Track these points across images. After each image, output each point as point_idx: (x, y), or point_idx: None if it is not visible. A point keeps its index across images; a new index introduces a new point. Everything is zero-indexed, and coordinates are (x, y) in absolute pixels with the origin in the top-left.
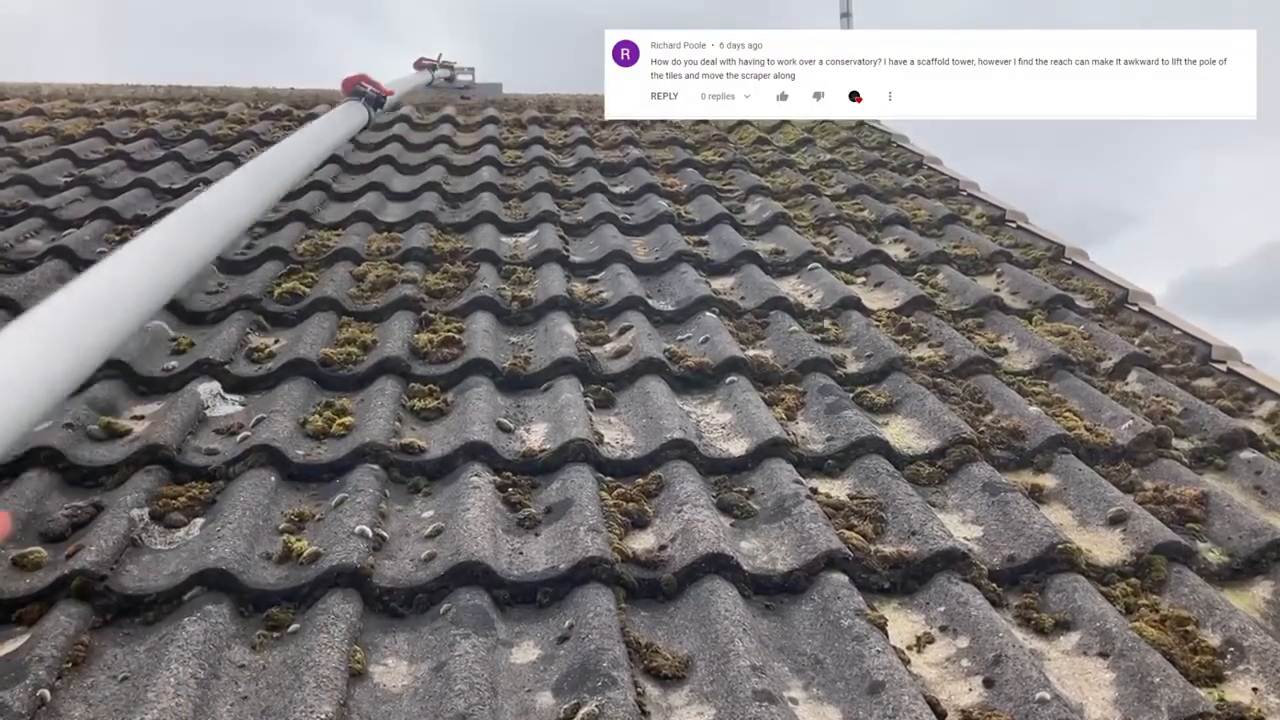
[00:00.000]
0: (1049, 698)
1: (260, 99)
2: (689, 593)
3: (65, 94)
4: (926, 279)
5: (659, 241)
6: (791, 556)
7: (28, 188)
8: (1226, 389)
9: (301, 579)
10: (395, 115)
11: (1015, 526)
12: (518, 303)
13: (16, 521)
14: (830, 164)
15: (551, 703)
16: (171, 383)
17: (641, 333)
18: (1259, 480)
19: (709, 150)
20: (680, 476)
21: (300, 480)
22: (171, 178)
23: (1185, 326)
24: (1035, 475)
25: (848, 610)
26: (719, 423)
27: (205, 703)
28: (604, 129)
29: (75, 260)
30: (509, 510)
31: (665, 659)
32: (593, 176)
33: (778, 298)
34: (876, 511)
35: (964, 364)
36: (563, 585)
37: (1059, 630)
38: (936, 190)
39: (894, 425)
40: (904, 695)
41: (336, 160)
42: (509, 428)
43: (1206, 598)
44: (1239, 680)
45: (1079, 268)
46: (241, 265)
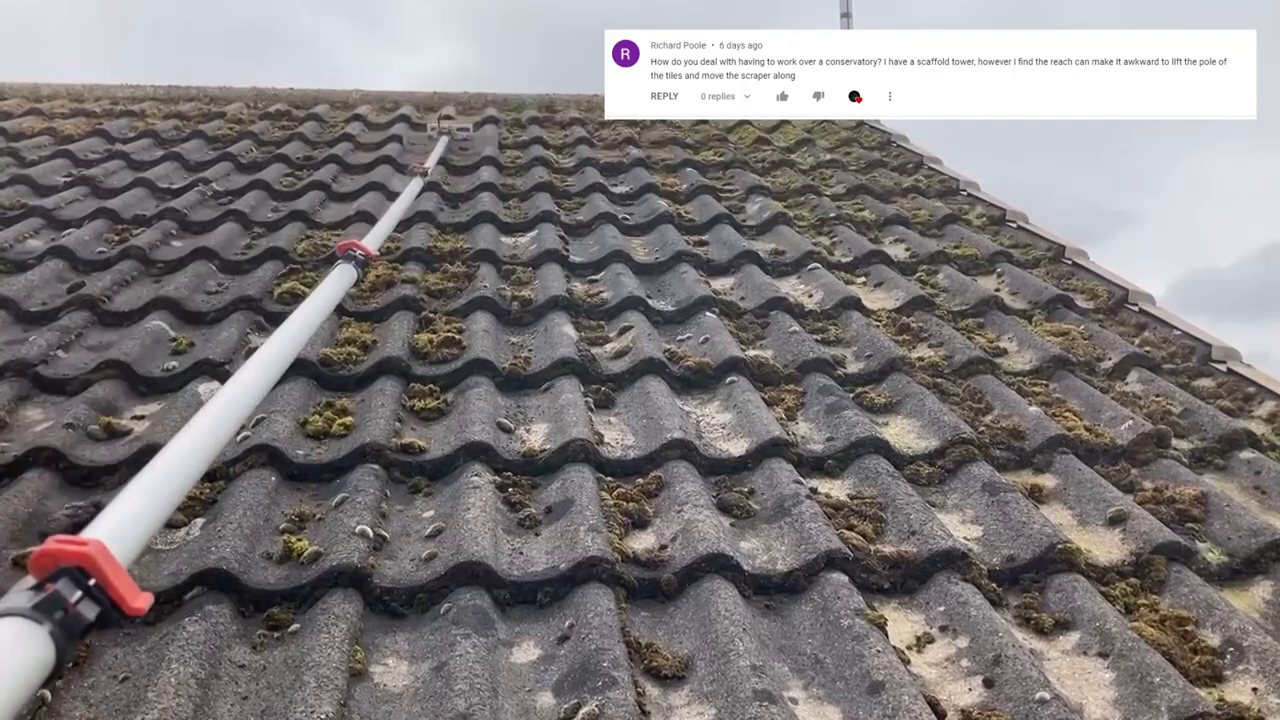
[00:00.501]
0: (1049, 698)
1: (259, 99)
2: (689, 593)
3: (64, 94)
4: (927, 279)
5: (659, 241)
6: (791, 556)
7: (27, 188)
8: (1226, 389)
9: (302, 579)
10: (394, 115)
11: (1015, 526)
12: (518, 303)
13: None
14: (830, 164)
15: (552, 702)
16: (172, 383)
17: (641, 333)
18: (1259, 480)
19: (709, 150)
20: (680, 476)
21: (300, 480)
22: (171, 178)
23: (1185, 326)
24: (1035, 475)
25: (847, 610)
26: (719, 423)
27: (206, 703)
28: (604, 129)
29: (74, 260)
30: (509, 510)
31: (665, 659)
32: (592, 176)
33: (778, 298)
34: (876, 511)
35: (964, 364)
36: (563, 585)
37: (1059, 630)
38: (936, 190)
39: (894, 425)
40: (904, 695)
41: (336, 161)
42: (509, 428)
43: (1206, 598)
44: (1238, 680)
45: (1079, 268)
46: (241, 265)
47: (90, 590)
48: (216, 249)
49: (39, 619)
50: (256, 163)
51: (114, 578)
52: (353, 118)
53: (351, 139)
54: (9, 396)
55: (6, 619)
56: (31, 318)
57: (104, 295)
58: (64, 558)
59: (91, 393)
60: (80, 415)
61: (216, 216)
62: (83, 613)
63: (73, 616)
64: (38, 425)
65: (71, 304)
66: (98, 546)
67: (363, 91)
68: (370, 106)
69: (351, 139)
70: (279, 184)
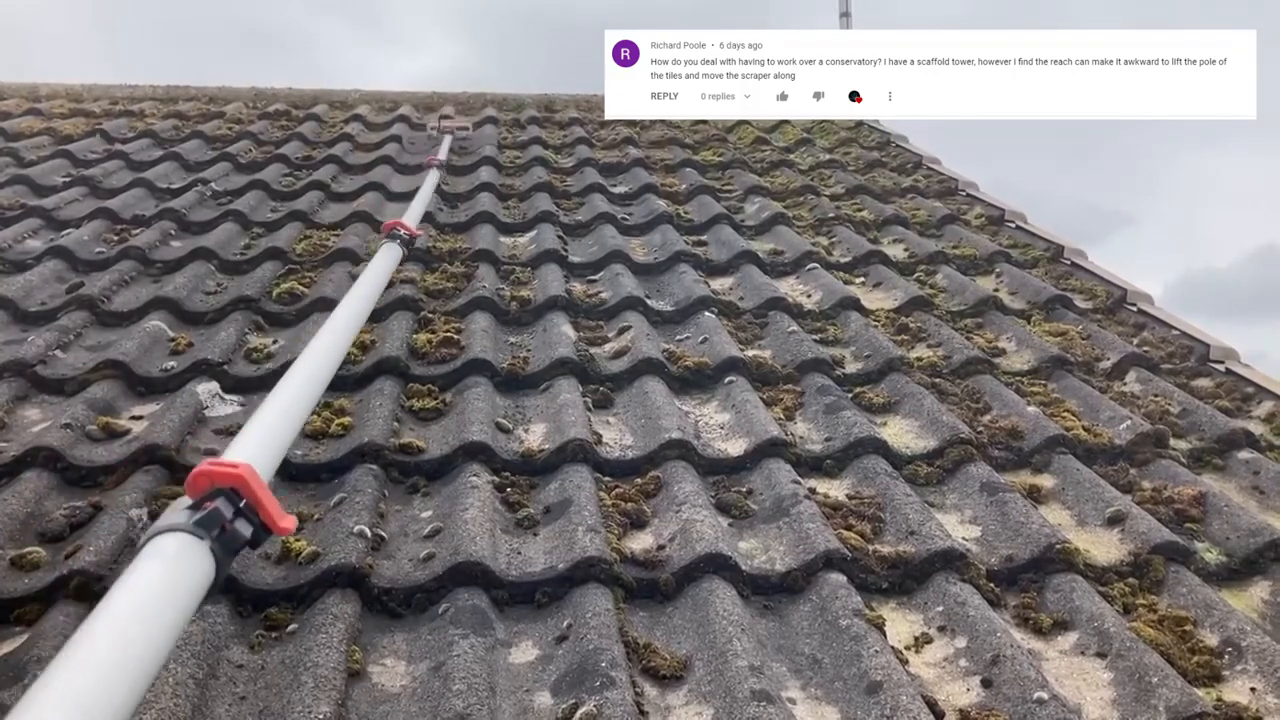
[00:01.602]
0: (1047, 697)
1: (259, 99)
2: (687, 593)
3: (64, 94)
4: (925, 279)
5: (658, 241)
6: (790, 556)
7: (26, 188)
8: (1225, 389)
9: (300, 579)
10: (394, 115)
11: (1013, 526)
12: (516, 303)
13: (14, 523)
14: (829, 164)
15: (550, 702)
16: (170, 383)
17: (640, 333)
18: (1257, 480)
19: (708, 150)
20: (679, 476)
21: (299, 480)
22: (170, 178)
23: (1184, 327)
24: (1033, 475)
25: (846, 610)
26: (717, 423)
27: (203, 703)
28: (603, 129)
29: (73, 260)
30: (508, 510)
31: (663, 659)
32: (592, 176)
33: (776, 298)
34: (875, 511)
35: (962, 364)
36: (561, 585)
37: (1057, 630)
38: (935, 190)
39: (892, 425)
40: (902, 695)
41: (335, 161)
42: (508, 428)
43: (1204, 598)
44: (1237, 680)
45: (1078, 268)
46: (240, 265)
47: (242, 510)
48: (215, 249)
49: (200, 534)
50: (255, 163)
51: (264, 499)
52: (352, 118)
53: (350, 139)
54: (7, 396)
55: (171, 534)
56: (30, 318)
57: (103, 295)
58: (219, 479)
59: (90, 393)
60: (78, 415)
61: (215, 216)
62: (239, 530)
63: (230, 533)
64: (36, 425)
65: (70, 304)
66: (248, 469)
67: (362, 91)
68: (369, 106)
69: (350, 139)
70: (278, 184)
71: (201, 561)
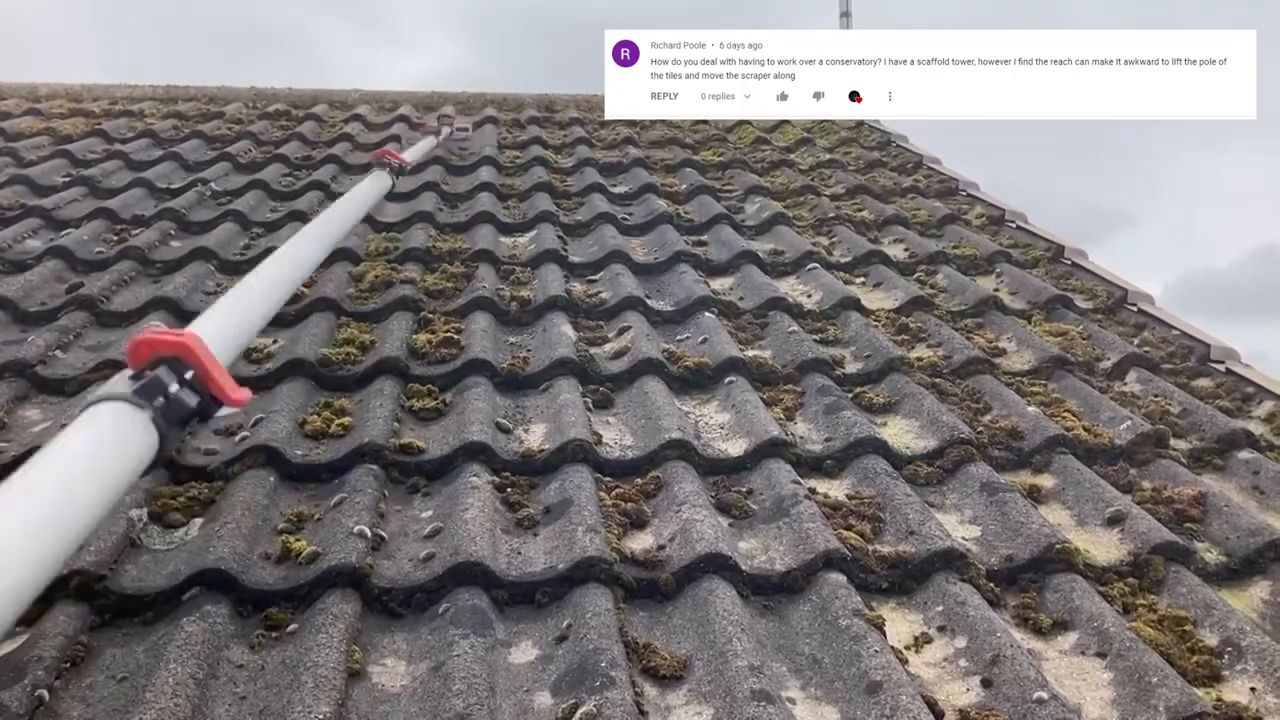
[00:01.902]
0: (1047, 697)
1: (258, 99)
2: (687, 593)
3: (63, 94)
4: (926, 279)
5: (658, 242)
6: (790, 556)
7: (25, 188)
8: (1225, 389)
9: (300, 579)
10: (394, 115)
11: (1013, 526)
12: (516, 303)
13: None
14: (830, 164)
15: (550, 702)
16: None
17: (640, 333)
18: (1257, 480)
19: (708, 150)
20: (679, 476)
21: (299, 480)
22: (170, 178)
23: (1184, 327)
24: (1033, 475)
25: (846, 610)
26: (717, 423)
27: (204, 703)
28: (603, 129)
29: (73, 260)
30: (508, 510)
31: (663, 659)
32: (592, 176)
33: (776, 298)
34: (875, 511)
35: (963, 364)
36: (561, 585)
37: (1057, 630)
38: (936, 190)
39: (892, 425)
40: (902, 695)
41: (334, 161)
42: (508, 428)
43: (1204, 598)
44: (1236, 680)
45: (1078, 268)
46: (240, 265)
47: (187, 382)
48: (215, 249)
49: (140, 403)
50: (255, 163)
51: (212, 369)
52: (352, 117)
53: (350, 139)
54: (7, 397)
55: (108, 402)
56: (30, 318)
57: (102, 295)
58: (161, 346)
59: (90, 393)
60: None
61: (215, 216)
62: (184, 399)
63: (173, 402)
64: (36, 426)
65: (70, 304)
66: (193, 337)
67: (362, 91)
68: (369, 106)
69: (350, 139)
70: (278, 184)
71: (141, 431)
